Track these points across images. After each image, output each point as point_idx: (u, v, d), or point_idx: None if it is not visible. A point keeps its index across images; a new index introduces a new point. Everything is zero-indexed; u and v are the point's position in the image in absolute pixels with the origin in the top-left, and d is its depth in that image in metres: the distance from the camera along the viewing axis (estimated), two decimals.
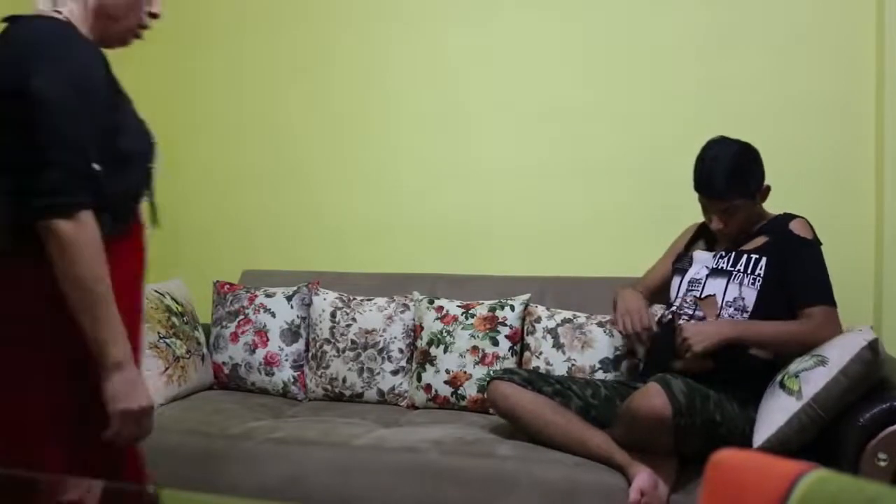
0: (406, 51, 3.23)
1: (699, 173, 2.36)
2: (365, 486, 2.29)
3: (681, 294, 2.43)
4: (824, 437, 2.05)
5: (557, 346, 2.66)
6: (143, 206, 1.64)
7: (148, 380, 1.64)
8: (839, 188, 2.79)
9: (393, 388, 2.84)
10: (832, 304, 2.26)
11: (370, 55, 3.26)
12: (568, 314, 2.72)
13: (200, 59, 3.46)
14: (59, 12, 1.55)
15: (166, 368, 2.71)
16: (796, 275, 2.28)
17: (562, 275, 2.97)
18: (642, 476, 2.08)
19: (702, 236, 2.55)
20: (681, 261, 2.51)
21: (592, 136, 3.03)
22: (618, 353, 2.61)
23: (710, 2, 2.92)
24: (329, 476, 2.30)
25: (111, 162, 1.50)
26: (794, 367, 2.13)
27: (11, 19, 1.53)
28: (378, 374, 2.85)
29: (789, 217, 2.40)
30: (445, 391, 2.75)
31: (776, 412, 2.07)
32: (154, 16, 1.65)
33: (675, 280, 2.48)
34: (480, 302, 2.83)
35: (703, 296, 2.37)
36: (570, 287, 2.88)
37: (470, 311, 2.80)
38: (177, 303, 2.91)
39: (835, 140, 2.80)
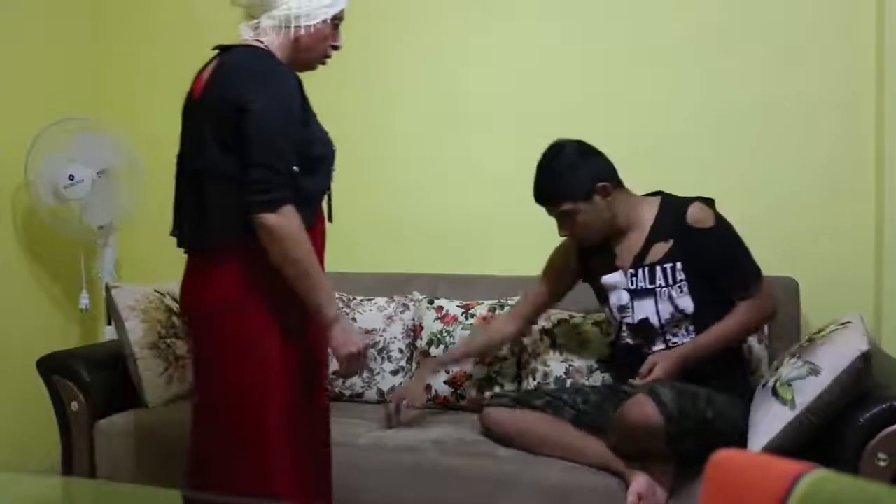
0: (406, 51, 3.23)
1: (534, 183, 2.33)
2: (365, 486, 2.29)
3: (615, 324, 2.38)
4: (824, 437, 2.05)
5: (554, 346, 2.66)
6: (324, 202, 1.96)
7: None
8: (839, 188, 2.79)
9: (393, 388, 2.83)
10: (760, 279, 2.25)
11: (370, 55, 3.25)
12: (564, 315, 2.71)
13: (200, 59, 3.44)
14: (261, 42, 1.83)
15: (166, 368, 2.71)
16: (718, 270, 2.24)
17: None
18: (639, 481, 2.09)
19: (588, 252, 2.42)
20: (596, 291, 2.43)
21: (592, 135, 3.01)
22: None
23: (711, 2, 2.92)
24: None
25: (306, 165, 1.78)
26: (785, 372, 2.13)
27: (223, 48, 1.85)
28: (378, 374, 2.84)
29: (679, 205, 2.28)
30: (445, 391, 2.75)
31: (771, 420, 2.07)
32: (336, 48, 1.94)
33: (606, 311, 2.41)
34: (480, 302, 2.83)
35: (636, 321, 2.31)
36: None
37: (470, 311, 2.80)
38: (177, 303, 2.91)
39: (835, 140, 2.80)
